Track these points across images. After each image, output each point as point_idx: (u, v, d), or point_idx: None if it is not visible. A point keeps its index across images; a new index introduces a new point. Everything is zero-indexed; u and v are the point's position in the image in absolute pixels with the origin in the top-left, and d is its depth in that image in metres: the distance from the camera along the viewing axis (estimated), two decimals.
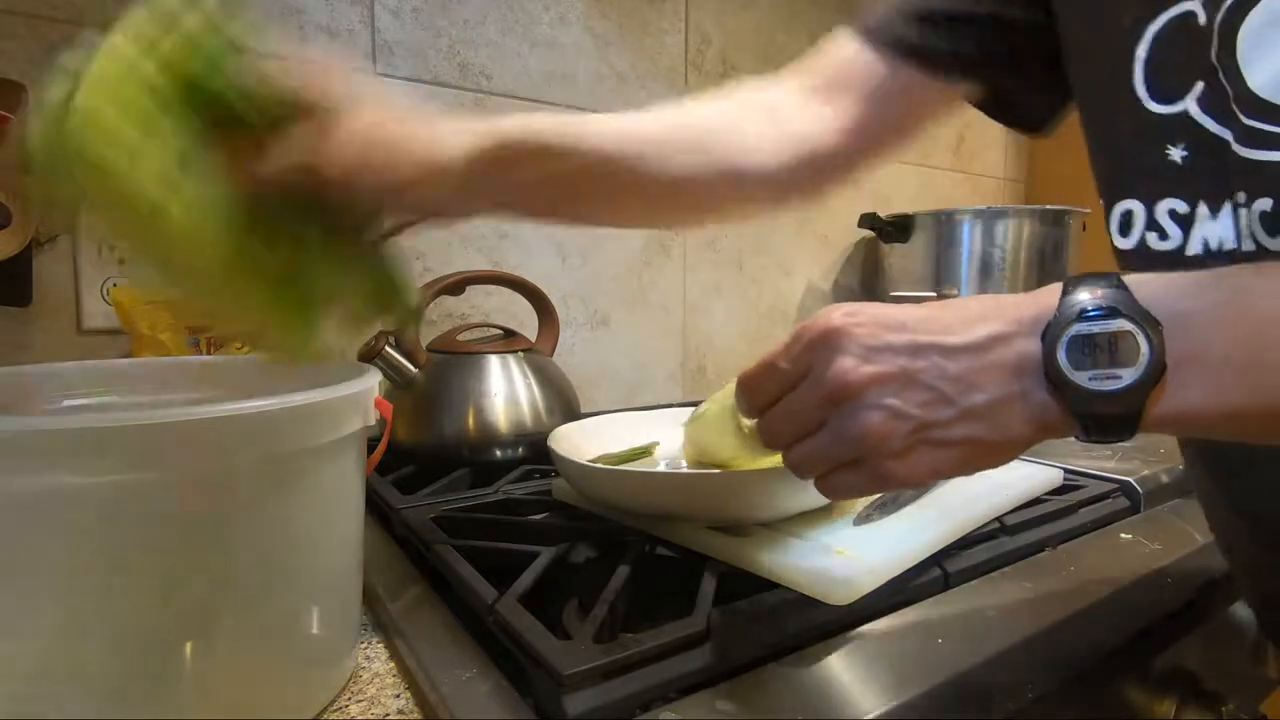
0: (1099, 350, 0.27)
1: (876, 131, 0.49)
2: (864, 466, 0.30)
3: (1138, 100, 0.39)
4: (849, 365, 0.29)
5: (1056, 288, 0.29)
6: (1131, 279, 0.28)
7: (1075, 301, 0.27)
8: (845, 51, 0.51)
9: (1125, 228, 0.41)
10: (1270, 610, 0.48)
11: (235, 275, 0.29)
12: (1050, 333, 0.27)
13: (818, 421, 0.31)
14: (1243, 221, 0.35)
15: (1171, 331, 0.26)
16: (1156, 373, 0.26)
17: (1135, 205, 0.41)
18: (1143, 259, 0.40)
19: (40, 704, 0.26)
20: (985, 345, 0.29)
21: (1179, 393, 0.26)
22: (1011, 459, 0.30)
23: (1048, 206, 1.10)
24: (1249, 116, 0.34)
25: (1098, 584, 0.46)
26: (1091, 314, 0.27)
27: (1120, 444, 0.55)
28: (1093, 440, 0.28)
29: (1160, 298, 0.27)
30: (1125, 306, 0.27)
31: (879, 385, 0.29)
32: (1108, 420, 0.27)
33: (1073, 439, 0.29)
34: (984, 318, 0.29)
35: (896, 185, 1.37)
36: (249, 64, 0.29)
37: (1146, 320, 0.26)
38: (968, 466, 0.30)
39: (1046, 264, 1.11)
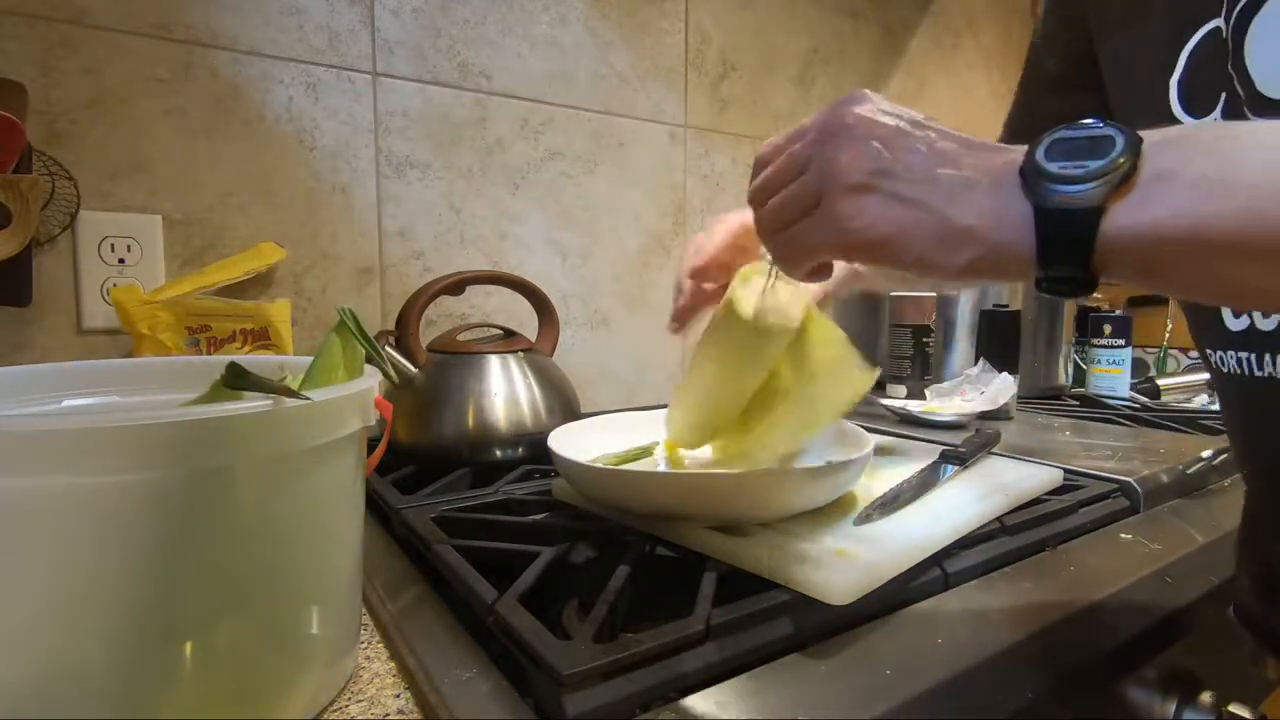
0: (1078, 149, 0.27)
1: None
2: (820, 207, 0.31)
3: (1176, 120, 0.41)
4: (856, 106, 0.31)
5: None
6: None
7: (1071, 124, 0.28)
8: None
9: None
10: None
11: None
12: (1038, 140, 0.28)
13: (804, 161, 0.32)
14: None
15: (1151, 149, 0.26)
16: (1125, 170, 0.26)
17: None
18: None
19: (40, 704, 0.26)
20: (980, 146, 0.30)
21: (1144, 205, 0.26)
22: (951, 264, 0.29)
23: None
24: (1259, 115, 0.35)
25: (1098, 584, 0.46)
26: (1079, 127, 0.28)
27: (1128, 403, 0.54)
28: (1047, 268, 0.27)
29: (1150, 132, 0.27)
30: (1113, 126, 0.27)
31: (870, 128, 0.30)
32: (1066, 218, 0.26)
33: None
34: (990, 141, 0.30)
35: None
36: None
37: (1128, 132, 0.27)
38: (908, 236, 0.29)
39: None
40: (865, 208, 0.30)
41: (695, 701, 0.32)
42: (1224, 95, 0.38)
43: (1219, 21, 0.38)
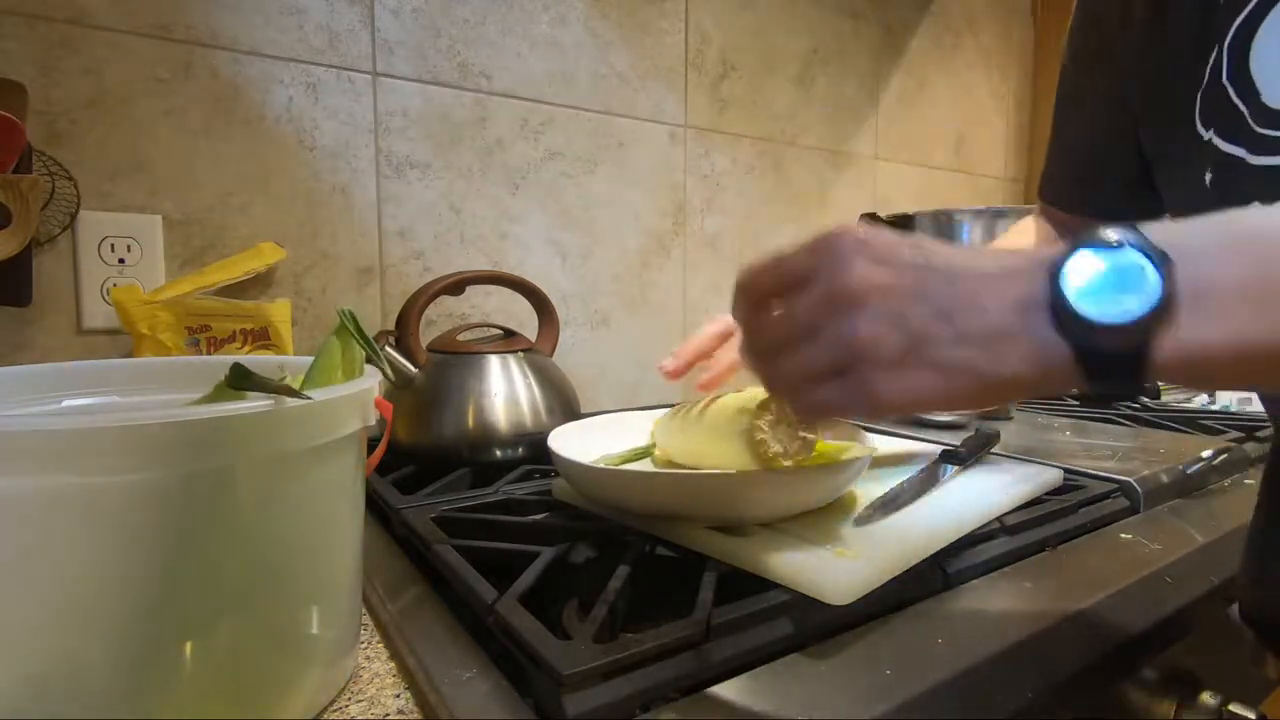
0: (1104, 283, 0.26)
1: None
2: (850, 378, 0.29)
3: (1198, 134, 0.40)
4: (859, 269, 0.29)
5: (1070, 240, 0.29)
6: (1144, 225, 0.27)
7: (1085, 240, 0.27)
8: (1050, 213, 0.65)
9: None
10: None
11: None
12: (1058, 266, 0.27)
13: (812, 327, 0.30)
14: None
15: (1183, 264, 0.25)
16: (1166, 303, 0.25)
17: None
18: None
19: (40, 704, 0.26)
20: (995, 275, 0.28)
21: (1191, 329, 0.25)
22: (1002, 401, 0.29)
23: None
24: (1263, 126, 0.35)
25: (1098, 584, 0.46)
26: (1101, 248, 0.26)
27: (1128, 403, 0.55)
28: (1098, 390, 0.27)
29: (1171, 235, 0.26)
30: (1134, 242, 0.26)
31: (883, 293, 0.28)
32: (1113, 358, 0.26)
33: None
34: (998, 257, 0.29)
35: (897, 185, 1.37)
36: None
37: (1156, 253, 0.25)
38: (956, 397, 0.29)
39: None
40: (902, 381, 0.28)
41: (695, 701, 0.32)
42: (1221, 110, 0.38)
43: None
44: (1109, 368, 0.26)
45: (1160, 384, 0.30)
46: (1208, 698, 0.48)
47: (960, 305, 0.28)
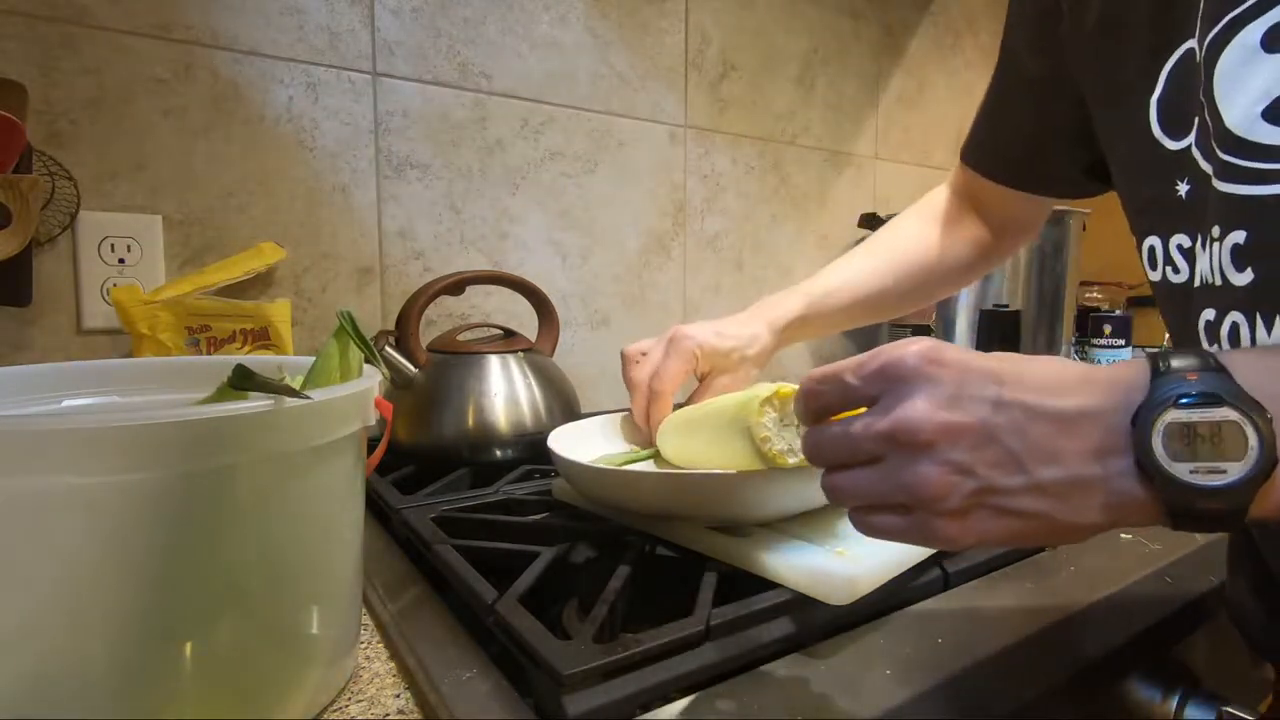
0: (1200, 440, 0.24)
1: (1014, 228, 0.66)
2: (912, 516, 0.28)
3: (1155, 140, 0.40)
4: (923, 409, 0.27)
5: (1143, 363, 0.27)
6: (1226, 358, 0.26)
7: (1171, 386, 0.25)
8: (968, 176, 0.65)
9: (1152, 263, 0.42)
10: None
11: None
12: (1143, 416, 0.25)
13: (872, 455, 0.28)
14: (1215, 256, 0.36)
15: (1277, 415, 0.23)
16: (1269, 466, 0.23)
17: (1155, 241, 0.41)
18: (1165, 292, 0.41)
19: (40, 704, 0.26)
20: (1073, 418, 0.26)
21: None
22: (1077, 541, 0.28)
23: None
24: (1225, 152, 0.34)
25: (1098, 584, 0.46)
26: (1190, 399, 0.24)
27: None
28: (1181, 529, 0.25)
29: (1262, 380, 0.24)
30: (1227, 392, 0.24)
31: (951, 437, 0.26)
32: (1209, 515, 0.24)
33: None
34: (1074, 388, 0.27)
35: (896, 185, 1.37)
36: None
37: (1253, 407, 0.24)
38: (1025, 541, 0.27)
39: (1046, 264, 1.12)
40: (971, 527, 0.27)
41: (695, 701, 0.32)
42: (1196, 121, 0.37)
43: (1193, 43, 0.37)
44: (1201, 521, 0.25)
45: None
46: (1207, 698, 0.48)
47: (1034, 452, 0.26)
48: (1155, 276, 0.42)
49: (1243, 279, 0.34)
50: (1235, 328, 0.34)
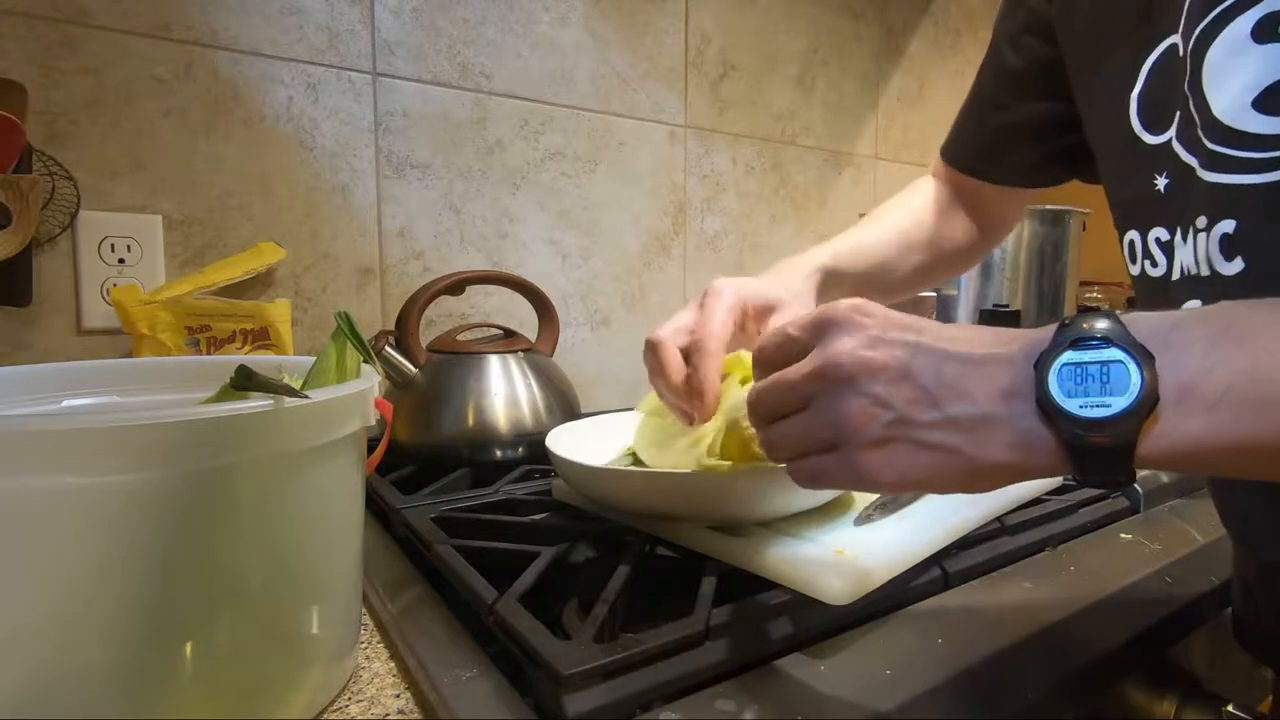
0: (1090, 379, 0.26)
1: (994, 221, 0.68)
2: (838, 453, 0.30)
3: (1135, 135, 0.41)
4: (848, 345, 0.30)
5: (1055, 325, 0.29)
6: (1128, 315, 0.28)
7: (1070, 333, 0.27)
8: (947, 171, 0.68)
9: (1132, 256, 0.43)
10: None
11: None
12: (1044, 360, 0.27)
13: (804, 398, 0.31)
14: (1200, 247, 0.36)
15: (1166, 363, 0.26)
16: (1149, 402, 0.25)
17: (1135, 235, 0.42)
18: (1144, 286, 0.42)
19: (41, 704, 0.26)
20: (981, 361, 0.29)
21: (1177, 426, 0.26)
22: (988, 488, 0.29)
23: (1048, 206, 1.10)
24: (1213, 142, 0.35)
25: (1098, 584, 0.46)
26: (1084, 343, 0.27)
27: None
28: (1087, 482, 0.27)
29: (1154, 331, 0.27)
30: (1118, 337, 0.27)
31: (871, 372, 0.29)
32: (1098, 453, 0.26)
33: None
34: (986, 341, 0.29)
35: (896, 185, 1.37)
36: None
37: (1139, 350, 0.26)
38: (940, 479, 0.29)
39: (1046, 264, 1.11)
40: (889, 461, 0.29)
41: (695, 701, 0.32)
42: (1178, 114, 0.38)
43: (1176, 38, 0.37)
44: (1095, 458, 0.27)
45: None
46: (1207, 698, 0.48)
47: (946, 390, 0.28)
48: (1135, 270, 0.43)
49: (1231, 268, 0.35)
50: None
